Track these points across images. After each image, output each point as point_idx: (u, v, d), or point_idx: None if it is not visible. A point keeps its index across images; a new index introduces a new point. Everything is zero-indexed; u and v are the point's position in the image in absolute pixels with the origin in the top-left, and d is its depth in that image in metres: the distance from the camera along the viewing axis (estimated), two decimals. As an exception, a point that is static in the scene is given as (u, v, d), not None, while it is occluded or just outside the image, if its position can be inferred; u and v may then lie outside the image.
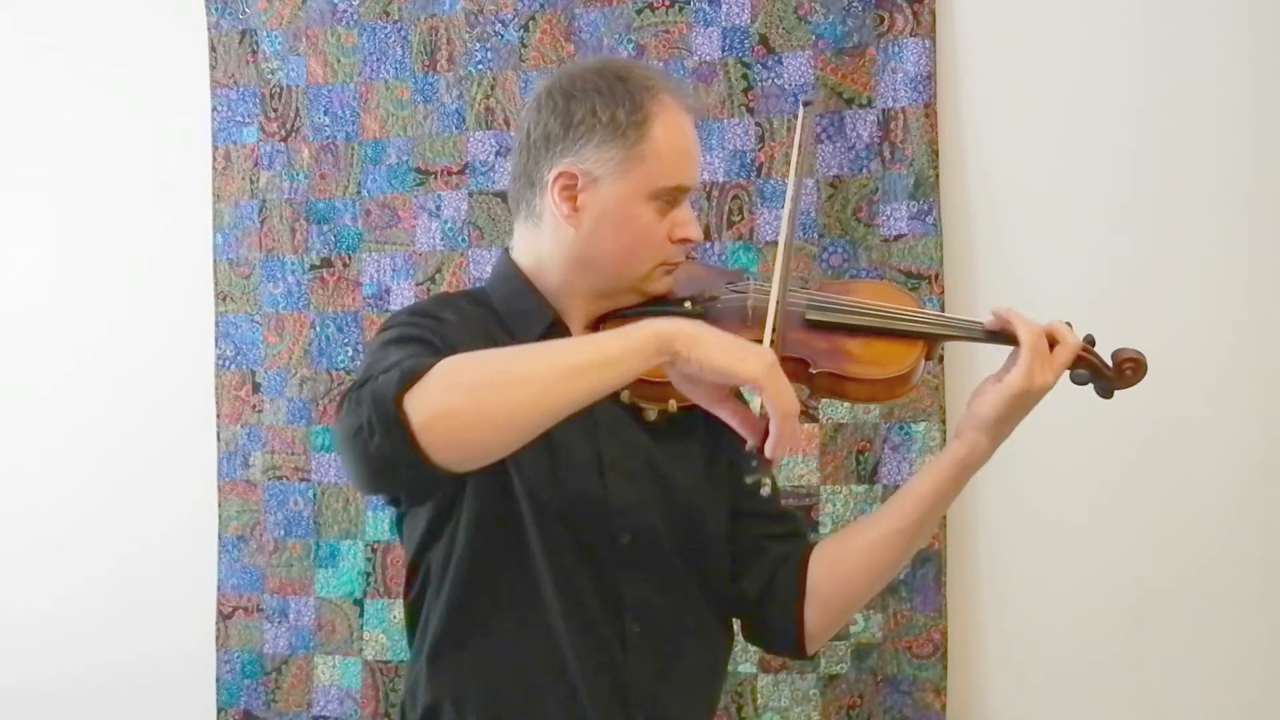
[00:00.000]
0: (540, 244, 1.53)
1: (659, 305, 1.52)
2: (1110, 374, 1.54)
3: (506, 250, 1.58)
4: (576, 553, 1.46)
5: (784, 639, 1.59)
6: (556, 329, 1.51)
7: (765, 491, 1.35)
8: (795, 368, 1.48)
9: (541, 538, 1.44)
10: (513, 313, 1.52)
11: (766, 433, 1.30)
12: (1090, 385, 1.56)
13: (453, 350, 1.38)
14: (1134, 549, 2.41)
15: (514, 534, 1.45)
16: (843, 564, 1.56)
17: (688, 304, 1.52)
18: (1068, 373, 1.54)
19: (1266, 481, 2.38)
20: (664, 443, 1.52)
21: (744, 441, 1.33)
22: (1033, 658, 2.45)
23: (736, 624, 1.65)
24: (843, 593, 1.57)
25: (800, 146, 1.54)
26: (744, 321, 1.51)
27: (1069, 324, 1.52)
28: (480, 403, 1.23)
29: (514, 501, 1.44)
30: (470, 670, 1.47)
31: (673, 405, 1.46)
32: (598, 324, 1.53)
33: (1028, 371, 1.46)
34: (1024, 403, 1.48)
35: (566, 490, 1.45)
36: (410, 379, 1.23)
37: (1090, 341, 1.54)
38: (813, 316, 1.53)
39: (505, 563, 1.45)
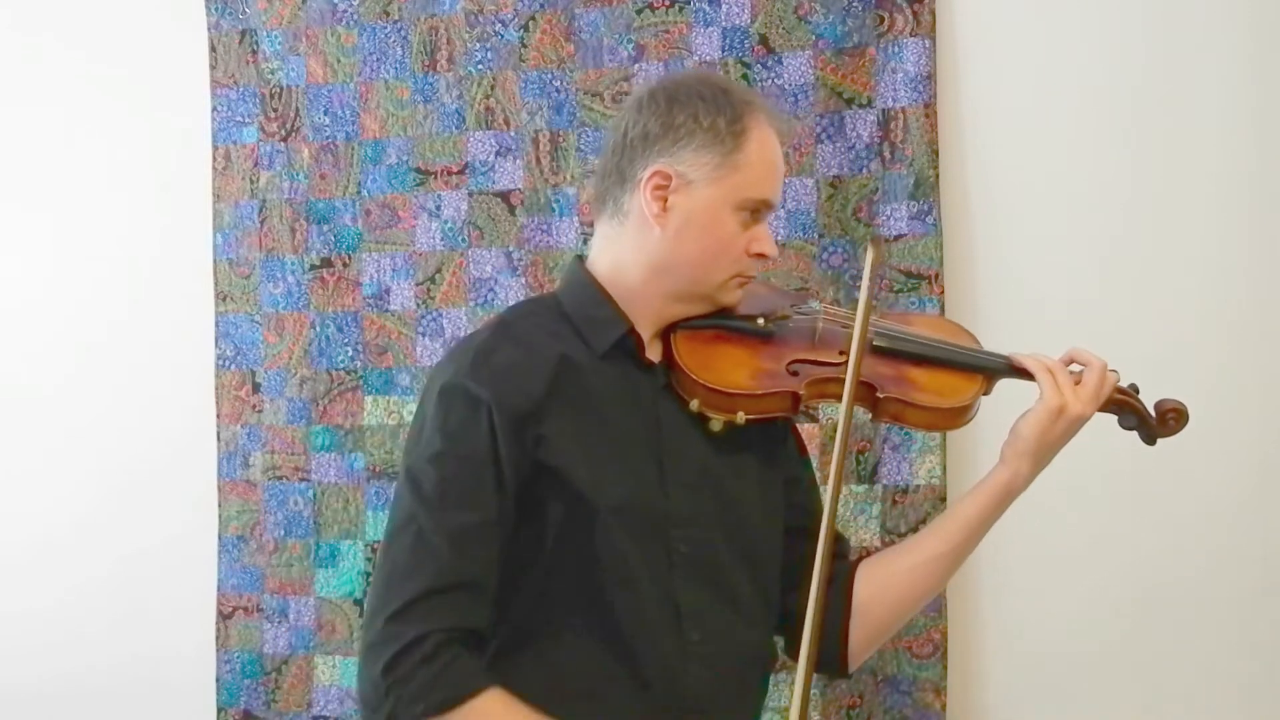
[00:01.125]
0: (621, 244, 1.55)
1: (730, 318, 1.56)
2: (1153, 422, 1.63)
3: (578, 258, 1.61)
4: (639, 560, 1.48)
5: (828, 657, 1.62)
6: (629, 339, 1.53)
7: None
8: (863, 392, 1.52)
9: (607, 543, 1.46)
10: (586, 319, 1.54)
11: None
12: (1135, 432, 1.64)
13: (503, 412, 1.43)
14: (1134, 549, 2.41)
15: (578, 541, 1.46)
16: (888, 585, 1.60)
17: (760, 320, 1.57)
18: (1116, 417, 1.63)
19: (1266, 481, 2.38)
20: (724, 454, 1.54)
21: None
22: (1033, 658, 2.45)
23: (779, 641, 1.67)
24: (888, 613, 1.61)
25: (868, 284, 1.57)
26: (812, 343, 1.57)
27: (1114, 371, 1.58)
28: None
29: (576, 510, 1.46)
30: (531, 677, 1.47)
31: (741, 418, 1.51)
32: (667, 332, 1.55)
33: (1054, 390, 1.53)
34: (1060, 426, 1.54)
35: (627, 497, 1.47)
36: (434, 716, 1.34)
37: (1134, 389, 1.62)
38: (880, 344, 1.57)
39: (568, 571, 1.47)
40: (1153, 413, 1.62)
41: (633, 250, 1.54)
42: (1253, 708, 2.37)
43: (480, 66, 2.68)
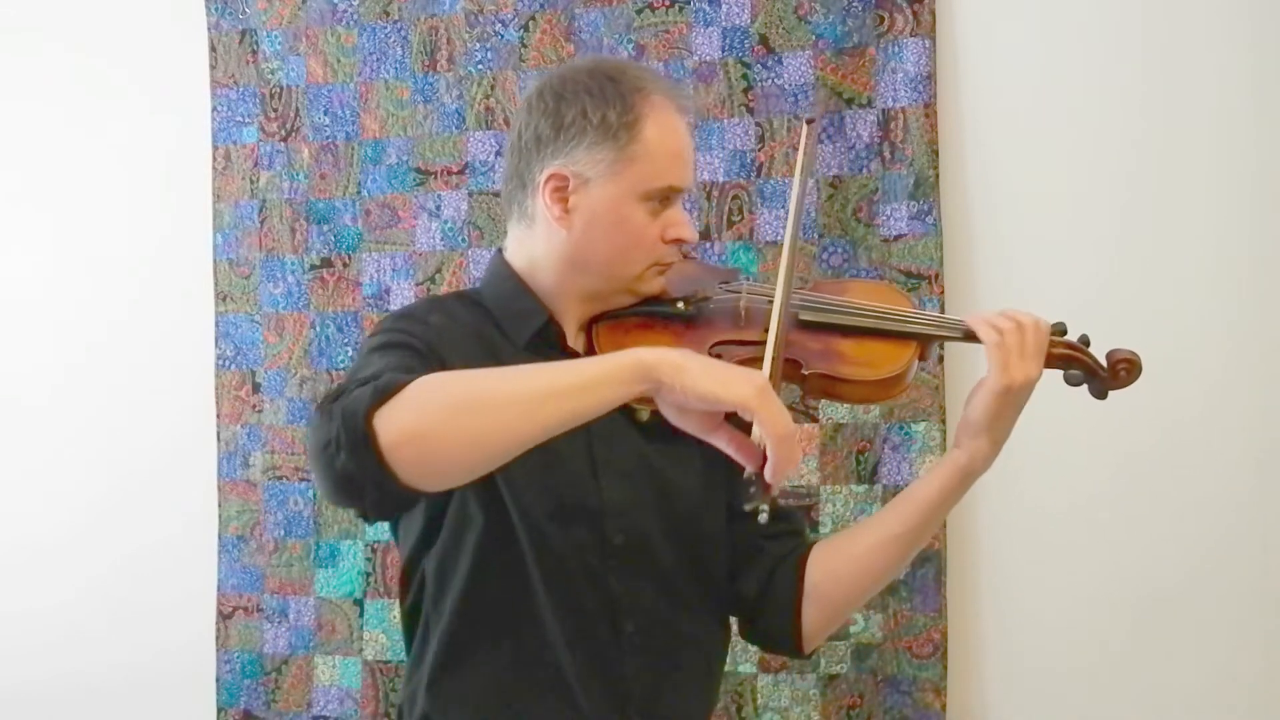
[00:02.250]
0: (533, 245, 1.52)
1: (652, 305, 1.52)
2: (1104, 374, 1.54)
3: (500, 250, 1.58)
4: (570, 555, 1.45)
5: (782, 638, 1.59)
6: (551, 328, 1.51)
7: (764, 519, 1.28)
8: (788, 369, 1.47)
9: (534, 541, 1.44)
10: (506, 313, 1.52)
11: (765, 458, 1.26)
12: (1085, 386, 1.56)
13: (439, 356, 1.38)
14: (1133, 549, 2.41)
15: (507, 538, 1.44)
16: (842, 566, 1.56)
17: (680, 304, 1.52)
18: (1062, 374, 1.55)
19: (1266, 481, 2.38)
20: (659, 442, 1.50)
21: (742, 469, 1.28)
22: (1033, 658, 2.45)
23: (734, 623, 1.65)
24: (841, 594, 1.57)
25: (803, 163, 1.52)
26: (736, 322, 1.51)
27: (1061, 324, 1.53)
28: (452, 425, 1.20)
29: (505, 505, 1.43)
30: (470, 677, 1.46)
31: None
32: (591, 325, 1.53)
33: (1002, 366, 1.47)
34: (1010, 399, 1.47)
35: (559, 492, 1.44)
36: (383, 396, 1.19)
37: (1085, 341, 1.54)
38: (806, 317, 1.52)
39: (500, 568, 1.45)
40: (1103, 364, 1.53)
41: (545, 252, 1.51)
42: (1253, 707, 2.37)
43: (480, 66, 2.68)
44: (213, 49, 2.82)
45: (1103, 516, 2.42)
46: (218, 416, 2.80)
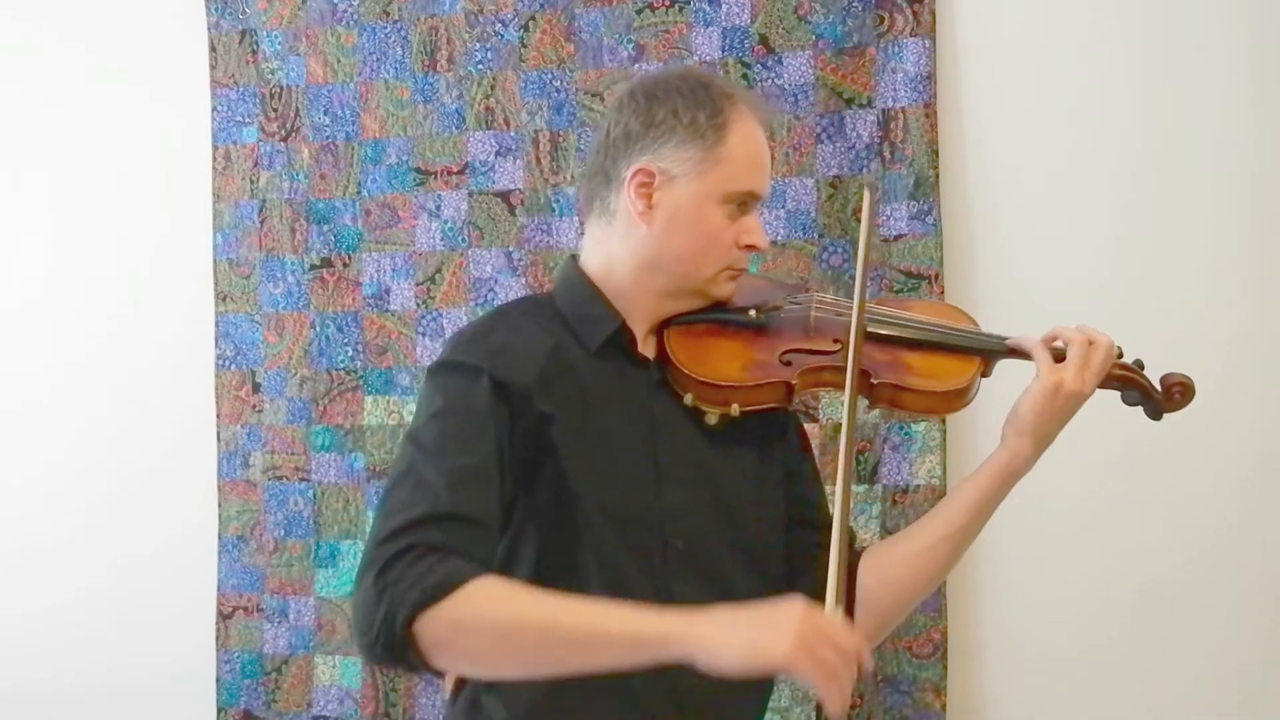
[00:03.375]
0: (610, 242, 1.55)
1: (723, 312, 1.56)
2: (1159, 397, 1.62)
3: (572, 256, 1.61)
4: (630, 559, 1.47)
5: None
6: (621, 335, 1.53)
7: None
8: (858, 379, 1.51)
9: (595, 544, 1.45)
10: (579, 318, 1.54)
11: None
12: (1140, 407, 1.63)
13: (500, 387, 1.41)
14: (1133, 549, 2.41)
15: (569, 541, 1.46)
16: (891, 571, 1.59)
17: (752, 312, 1.56)
18: (1119, 394, 1.61)
19: (1266, 480, 2.38)
20: (720, 447, 1.53)
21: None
22: (1033, 657, 2.45)
23: None
24: (891, 599, 1.60)
25: (867, 233, 1.57)
26: (806, 332, 1.56)
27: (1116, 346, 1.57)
28: (480, 648, 1.30)
29: (569, 508, 1.45)
30: (521, 688, 1.45)
31: (735, 410, 1.50)
32: (661, 328, 1.55)
33: (1049, 367, 1.52)
34: (1059, 404, 1.52)
35: (621, 495, 1.46)
36: (430, 603, 1.27)
37: (1139, 365, 1.61)
38: (874, 329, 1.56)
39: (561, 570, 1.45)
40: (1158, 387, 1.60)
41: (622, 248, 1.54)
42: (1253, 707, 2.37)
43: (480, 66, 2.68)
44: (213, 49, 2.82)
45: (1103, 515, 2.42)
46: (218, 416, 2.80)
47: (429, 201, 2.70)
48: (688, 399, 1.50)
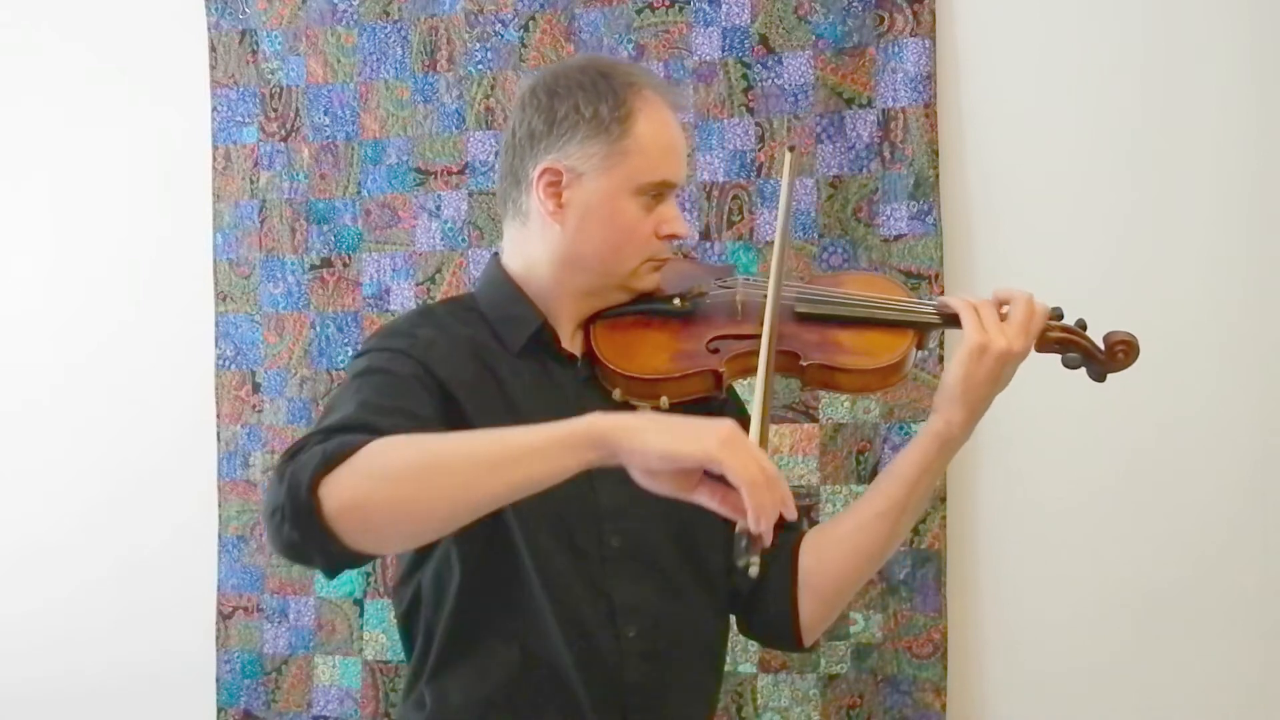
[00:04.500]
0: (528, 244, 1.53)
1: (648, 303, 1.53)
2: (1102, 357, 1.55)
3: (495, 255, 1.58)
4: (567, 559, 1.45)
5: (780, 631, 1.59)
6: (544, 333, 1.51)
7: (754, 572, 1.22)
8: (786, 360, 1.48)
9: (530, 545, 1.43)
10: (500, 318, 1.52)
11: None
12: (1083, 369, 1.56)
13: (429, 372, 1.38)
14: (1134, 549, 2.41)
15: (504, 544, 1.44)
16: (832, 550, 1.56)
17: (676, 300, 1.52)
18: (1060, 358, 1.55)
19: (1266, 480, 2.38)
20: None
21: (732, 524, 1.23)
22: (1033, 657, 2.45)
23: (734, 622, 1.64)
24: (834, 579, 1.57)
25: (786, 199, 1.53)
26: (733, 317, 1.52)
27: (1058, 309, 1.54)
28: (394, 494, 1.20)
29: (501, 512, 1.41)
30: (470, 687, 1.45)
31: (664, 403, 1.47)
32: (588, 324, 1.53)
33: (976, 327, 1.47)
34: (987, 366, 1.47)
35: (554, 495, 1.42)
36: (329, 463, 1.19)
37: (1082, 325, 1.55)
38: (802, 309, 1.53)
39: (498, 575, 1.44)
40: (1101, 347, 1.54)
41: (540, 249, 1.51)
42: (1253, 707, 2.37)
43: (480, 66, 2.68)
44: (213, 49, 2.82)
45: (1103, 515, 2.42)
46: (218, 416, 2.80)
47: (429, 201, 2.70)
48: (616, 394, 1.48)
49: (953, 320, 1.52)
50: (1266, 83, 2.38)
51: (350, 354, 2.72)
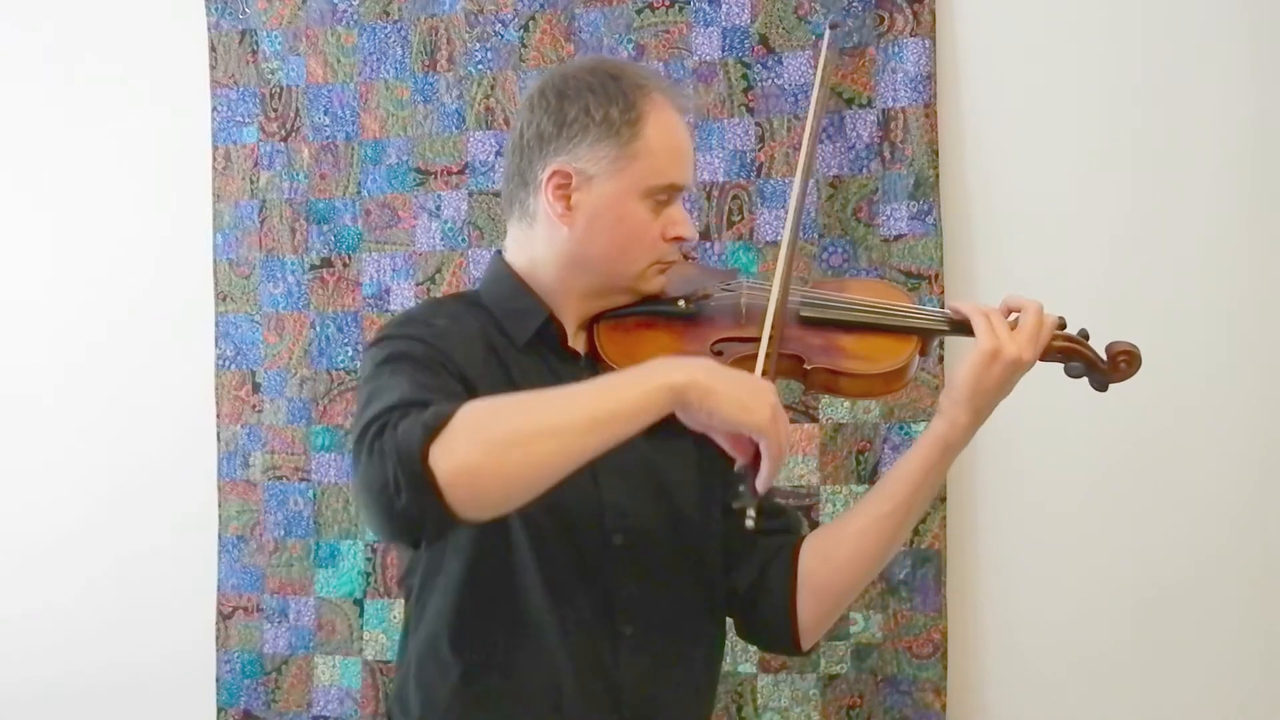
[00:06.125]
0: (534, 244, 1.53)
1: (653, 304, 1.53)
2: (1104, 366, 1.56)
3: (499, 252, 1.58)
4: (568, 555, 1.45)
5: (779, 633, 1.59)
6: (550, 327, 1.52)
7: (750, 524, 1.34)
8: (790, 364, 1.49)
9: (532, 540, 1.44)
10: (506, 312, 1.52)
11: (756, 455, 1.31)
12: (1086, 379, 1.57)
13: (450, 360, 1.39)
14: (1134, 548, 2.41)
15: (504, 539, 1.44)
16: (833, 552, 1.56)
17: (681, 303, 1.53)
18: (1063, 367, 1.56)
19: (1267, 480, 2.38)
20: (660, 441, 1.47)
21: (732, 461, 1.32)
22: (1033, 657, 2.45)
23: (731, 624, 1.65)
24: (835, 582, 1.57)
25: (822, 79, 1.55)
26: (738, 320, 1.53)
27: (1061, 319, 1.54)
28: (504, 459, 1.22)
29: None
30: (461, 676, 1.46)
31: None
32: (591, 324, 1.53)
33: (988, 333, 1.48)
34: (996, 372, 1.48)
35: (558, 492, 1.43)
36: (434, 432, 1.21)
37: (1084, 335, 1.56)
38: (807, 313, 1.54)
39: (497, 568, 1.44)
40: (1103, 357, 1.56)
41: (545, 250, 1.51)
42: (1253, 707, 2.37)
43: (480, 66, 2.68)
44: (213, 49, 2.82)
45: (1103, 516, 2.42)
46: (218, 416, 2.80)
47: (429, 201, 2.70)
48: None
49: (962, 326, 1.53)
50: (1266, 83, 2.38)
51: (351, 354, 2.72)
